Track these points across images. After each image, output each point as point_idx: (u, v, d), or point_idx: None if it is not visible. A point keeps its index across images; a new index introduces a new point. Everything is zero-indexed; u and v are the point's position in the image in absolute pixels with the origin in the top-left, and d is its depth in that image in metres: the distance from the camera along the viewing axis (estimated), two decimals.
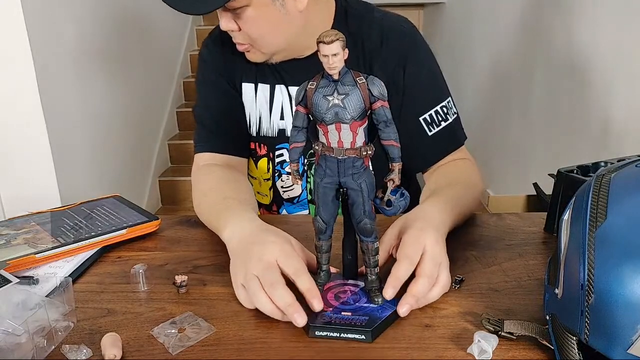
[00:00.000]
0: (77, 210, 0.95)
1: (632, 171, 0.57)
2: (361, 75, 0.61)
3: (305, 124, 0.64)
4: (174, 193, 3.30)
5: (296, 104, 0.64)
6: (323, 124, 0.61)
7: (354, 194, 0.64)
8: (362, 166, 0.63)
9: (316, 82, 0.62)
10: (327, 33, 0.57)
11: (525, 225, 0.90)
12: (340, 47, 0.57)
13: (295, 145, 0.65)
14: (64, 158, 2.11)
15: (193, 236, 0.90)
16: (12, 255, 0.77)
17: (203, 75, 1.06)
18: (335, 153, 0.62)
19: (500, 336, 0.59)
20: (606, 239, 0.51)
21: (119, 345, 0.60)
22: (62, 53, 2.15)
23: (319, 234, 0.67)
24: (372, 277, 0.67)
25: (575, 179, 0.83)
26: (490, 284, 0.73)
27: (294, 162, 0.66)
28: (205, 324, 0.64)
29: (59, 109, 2.08)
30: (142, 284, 0.74)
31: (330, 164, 0.63)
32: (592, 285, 0.49)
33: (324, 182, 0.64)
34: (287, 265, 0.66)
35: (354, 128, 0.61)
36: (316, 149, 0.64)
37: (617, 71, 1.74)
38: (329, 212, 0.66)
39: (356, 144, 0.62)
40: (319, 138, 0.64)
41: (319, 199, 0.65)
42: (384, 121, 0.61)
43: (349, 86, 0.60)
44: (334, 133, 0.61)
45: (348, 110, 0.60)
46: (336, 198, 0.65)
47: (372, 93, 0.60)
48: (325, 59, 0.58)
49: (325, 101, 0.60)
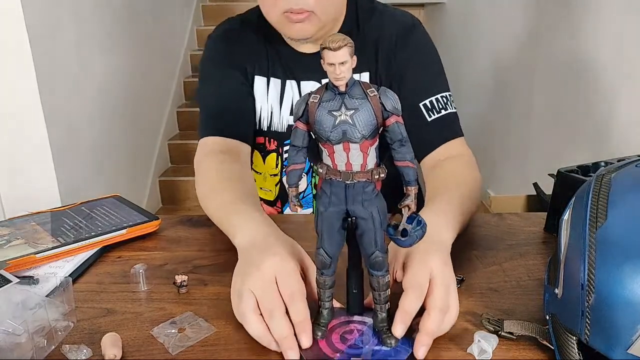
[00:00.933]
0: (77, 210, 0.94)
1: (633, 171, 0.57)
2: (372, 86, 0.53)
3: (305, 143, 0.56)
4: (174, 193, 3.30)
5: (295, 119, 0.56)
6: (328, 143, 0.54)
7: (364, 223, 0.56)
8: (373, 191, 0.55)
9: (319, 94, 0.54)
10: (333, 38, 0.50)
11: (525, 225, 0.90)
12: (349, 54, 0.50)
13: (294, 168, 0.57)
14: (64, 158, 2.11)
15: (193, 236, 0.90)
16: (12, 255, 0.77)
17: (209, 64, 1.06)
18: (342, 177, 0.54)
19: (500, 336, 0.59)
20: (606, 239, 0.51)
21: (119, 345, 0.60)
22: (63, 52, 2.15)
23: (322, 268, 0.59)
24: (382, 314, 0.59)
25: (576, 179, 0.83)
26: (491, 283, 0.73)
27: (292, 187, 0.58)
28: (205, 324, 0.64)
29: (59, 108, 2.09)
30: (142, 284, 0.74)
31: (337, 190, 0.55)
32: (593, 285, 0.49)
33: (329, 211, 0.56)
34: (283, 285, 0.60)
35: (364, 148, 0.53)
36: (319, 172, 0.56)
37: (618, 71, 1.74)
38: (335, 244, 0.58)
39: (367, 167, 0.54)
40: (323, 159, 0.56)
41: (323, 230, 0.57)
42: (398, 140, 0.53)
43: (358, 100, 0.52)
44: (341, 154, 0.53)
45: (358, 128, 0.52)
46: (342, 228, 0.57)
47: (386, 107, 0.52)
48: (331, 69, 0.50)
49: (330, 117, 0.52)
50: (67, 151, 2.14)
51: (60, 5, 2.14)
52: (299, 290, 0.60)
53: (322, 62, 0.51)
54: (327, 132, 0.53)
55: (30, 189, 2.01)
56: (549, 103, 2.29)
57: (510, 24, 2.70)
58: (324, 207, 0.56)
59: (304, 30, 0.93)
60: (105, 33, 2.55)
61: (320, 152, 0.56)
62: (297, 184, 0.58)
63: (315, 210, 0.58)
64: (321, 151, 0.56)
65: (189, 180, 3.27)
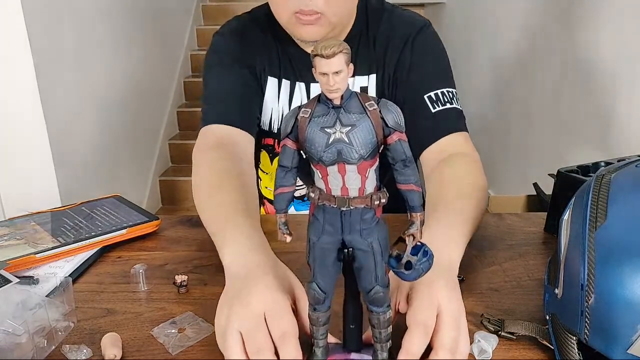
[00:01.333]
0: (77, 210, 0.94)
1: (633, 171, 0.57)
2: (371, 99, 0.47)
3: (295, 163, 0.49)
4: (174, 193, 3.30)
5: (283, 136, 0.49)
6: (321, 164, 0.47)
7: (363, 256, 0.49)
8: (373, 219, 0.49)
9: (310, 108, 0.47)
10: (326, 43, 0.43)
11: (525, 226, 0.90)
12: (344, 62, 0.43)
13: (282, 191, 0.50)
14: (64, 158, 2.11)
15: (193, 236, 0.90)
16: (12, 255, 0.77)
17: (215, 60, 1.02)
18: (337, 203, 0.48)
19: (500, 336, 0.59)
20: (606, 239, 0.51)
21: (119, 345, 0.60)
22: (62, 52, 2.15)
23: (315, 304, 0.52)
24: (383, 354, 0.53)
25: (576, 179, 0.83)
26: (491, 283, 0.73)
27: (280, 213, 0.51)
28: (205, 324, 0.64)
29: (58, 108, 2.09)
30: (142, 284, 0.74)
31: (331, 218, 0.49)
32: (592, 285, 0.49)
33: (323, 242, 0.49)
34: (273, 325, 0.54)
35: (362, 170, 0.47)
36: (311, 196, 0.49)
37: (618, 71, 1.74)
38: (329, 278, 0.51)
39: (366, 191, 0.47)
40: (315, 182, 0.49)
41: (316, 263, 0.50)
42: (402, 160, 0.47)
43: (355, 114, 0.46)
44: (336, 177, 0.47)
45: (355, 147, 0.45)
46: (338, 259, 0.50)
47: (387, 123, 0.46)
48: (324, 79, 0.44)
49: (323, 135, 0.46)
50: (67, 151, 2.14)
51: (60, 6, 2.14)
52: (290, 330, 0.54)
53: (314, 70, 0.44)
54: (319, 151, 0.46)
55: (30, 189, 2.01)
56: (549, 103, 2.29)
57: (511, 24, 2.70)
58: (317, 236, 0.50)
59: (313, 32, 0.90)
60: (105, 32, 2.55)
61: (312, 174, 0.49)
62: (286, 210, 0.51)
63: (307, 239, 0.51)
64: (313, 173, 0.49)
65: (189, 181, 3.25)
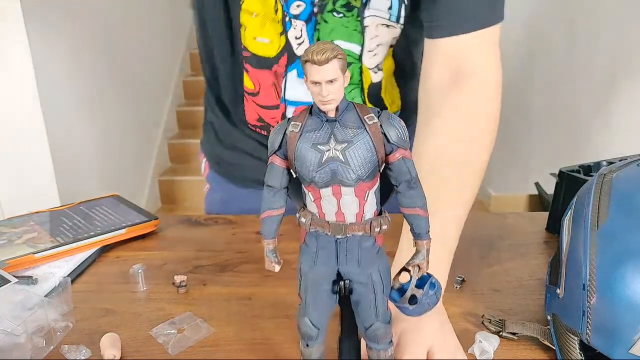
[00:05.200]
0: (76, 209, 0.94)
1: (634, 170, 0.57)
2: (371, 111, 0.41)
3: (284, 183, 0.43)
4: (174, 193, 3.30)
5: (270, 152, 0.43)
6: (313, 186, 0.41)
7: (362, 289, 0.44)
8: (373, 247, 0.43)
9: (301, 122, 0.41)
10: (318, 48, 0.37)
11: (526, 225, 0.90)
12: (340, 69, 0.38)
13: (270, 214, 0.44)
14: (62, 157, 2.11)
15: (193, 236, 0.90)
16: (11, 254, 0.77)
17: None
18: (332, 230, 0.42)
19: (501, 336, 0.59)
20: (608, 238, 0.50)
21: (118, 346, 0.59)
22: (61, 51, 2.15)
23: (307, 340, 0.47)
24: None
25: (577, 178, 0.82)
26: (492, 284, 0.72)
27: (268, 240, 0.45)
28: (205, 325, 0.64)
29: (57, 108, 2.09)
30: (141, 284, 0.73)
31: (325, 246, 0.43)
32: (594, 285, 0.49)
33: (315, 273, 0.44)
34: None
35: (361, 192, 0.41)
36: (302, 222, 0.43)
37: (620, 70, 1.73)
38: (323, 312, 0.46)
39: (364, 216, 0.42)
40: (307, 205, 0.43)
41: (307, 295, 0.45)
42: (406, 181, 0.41)
43: (352, 129, 0.40)
44: (331, 200, 0.41)
45: (352, 167, 0.40)
46: (333, 292, 0.45)
47: (389, 138, 0.40)
48: (316, 89, 0.38)
49: (316, 153, 0.40)
50: (66, 150, 2.14)
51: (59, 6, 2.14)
52: None
53: (305, 79, 0.39)
54: (310, 171, 0.40)
55: (29, 189, 2.01)
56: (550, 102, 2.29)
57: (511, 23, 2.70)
58: (309, 266, 0.44)
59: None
60: (104, 32, 2.55)
61: (304, 195, 0.43)
62: (275, 235, 0.45)
63: (298, 269, 0.45)
64: (304, 194, 0.43)
65: (189, 180, 3.27)
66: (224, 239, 0.87)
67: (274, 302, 0.69)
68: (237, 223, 0.92)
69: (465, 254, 0.79)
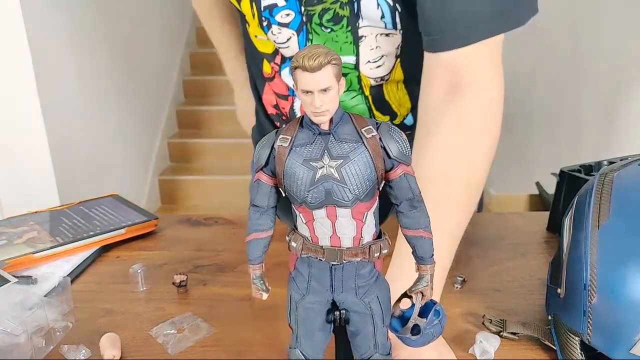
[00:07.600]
0: (75, 209, 0.94)
1: (635, 170, 0.57)
2: (369, 123, 0.37)
3: (272, 202, 0.39)
4: (174, 192, 3.30)
5: (256, 168, 0.39)
6: (304, 207, 0.37)
7: (359, 319, 0.40)
8: (371, 274, 0.40)
9: (291, 135, 0.37)
10: (310, 52, 0.33)
11: (527, 225, 0.90)
12: (334, 76, 0.34)
13: (256, 237, 0.40)
14: (62, 157, 2.10)
15: (193, 236, 0.89)
16: (11, 254, 0.76)
17: None
18: (326, 256, 0.38)
19: (502, 336, 0.59)
20: (609, 238, 0.50)
21: (117, 346, 0.59)
22: (61, 51, 2.15)
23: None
24: None
25: (578, 178, 0.82)
26: (492, 283, 0.72)
27: (254, 265, 0.41)
28: (205, 325, 0.64)
29: (57, 107, 2.08)
30: (141, 284, 0.73)
31: (318, 273, 0.39)
32: (595, 285, 0.49)
33: (308, 302, 0.40)
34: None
35: (358, 214, 0.37)
36: (293, 246, 0.39)
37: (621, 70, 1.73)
38: (316, 344, 0.42)
39: (362, 240, 0.38)
40: (298, 227, 0.39)
41: (299, 326, 0.41)
42: (408, 200, 0.38)
43: (349, 143, 0.36)
44: (325, 223, 0.37)
45: (349, 186, 0.36)
46: (327, 321, 0.41)
47: (390, 153, 0.37)
48: (308, 98, 0.34)
49: (307, 170, 0.36)
50: (65, 150, 2.14)
51: (59, 6, 2.14)
52: None
53: (295, 87, 0.35)
54: (302, 191, 0.36)
55: (29, 188, 2.01)
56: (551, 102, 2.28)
57: None
58: (300, 294, 0.40)
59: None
60: (103, 32, 2.54)
61: (294, 216, 0.39)
62: (262, 260, 0.41)
63: (288, 297, 0.41)
64: (295, 215, 0.39)
65: (189, 180, 3.27)
66: (224, 239, 0.87)
67: (274, 303, 0.68)
68: (237, 223, 0.92)
69: (466, 254, 0.79)
